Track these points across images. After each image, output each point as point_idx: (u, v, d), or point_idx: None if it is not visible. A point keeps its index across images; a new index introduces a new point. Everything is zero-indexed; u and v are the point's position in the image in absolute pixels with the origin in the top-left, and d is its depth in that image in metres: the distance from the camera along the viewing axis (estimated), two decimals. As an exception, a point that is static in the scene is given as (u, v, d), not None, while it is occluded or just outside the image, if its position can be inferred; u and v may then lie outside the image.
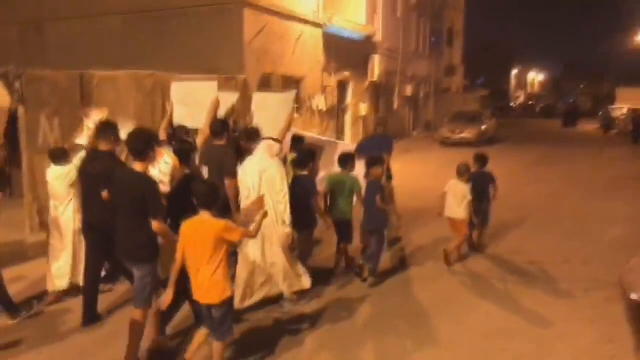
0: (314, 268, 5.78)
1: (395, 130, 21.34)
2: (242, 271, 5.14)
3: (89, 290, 5.14)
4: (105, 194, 4.69)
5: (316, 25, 15.00)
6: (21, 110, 7.88)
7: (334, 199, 6.03)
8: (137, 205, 3.94)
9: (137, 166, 4.02)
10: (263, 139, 5.51)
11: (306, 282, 5.24)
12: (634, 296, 3.73)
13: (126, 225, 4.05)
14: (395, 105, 21.87)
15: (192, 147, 5.35)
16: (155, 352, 4.31)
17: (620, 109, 35.92)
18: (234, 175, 5.35)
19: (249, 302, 5.13)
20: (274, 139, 5.55)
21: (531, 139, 24.58)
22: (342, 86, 17.37)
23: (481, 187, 6.82)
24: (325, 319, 5.03)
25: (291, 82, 13.91)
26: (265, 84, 12.63)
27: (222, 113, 6.59)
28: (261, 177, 5.08)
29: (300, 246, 5.79)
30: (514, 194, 10.42)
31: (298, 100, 14.69)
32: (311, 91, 14.96)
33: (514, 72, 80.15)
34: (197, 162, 5.50)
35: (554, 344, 4.54)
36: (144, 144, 4.02)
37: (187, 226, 3.78)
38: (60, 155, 5.84)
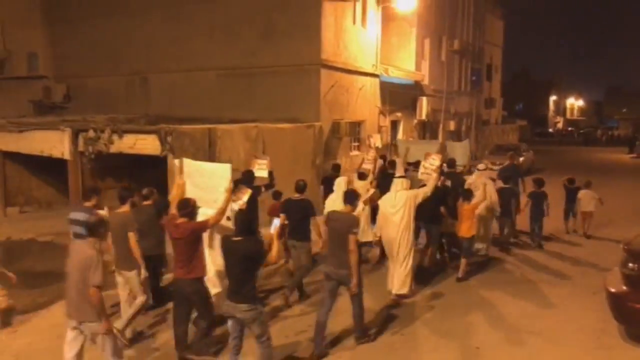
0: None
1: (440, 162, 23.59)
2: None
3: None
4: None
5: (374, 76, 17.60)
6: (170, 157, 10.70)
7: None
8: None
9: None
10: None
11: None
12: (610, 289, 6.06)
13: None
14: (440, 140, 24.18)
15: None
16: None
17: (658, 138, 37.09)
18: None
19: None
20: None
21: (567, 169, 26.19)
22: (394, 125, 19.87)
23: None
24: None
25: (355, 125, 16.48)
26: (336, 129, 15.23)
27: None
28: None
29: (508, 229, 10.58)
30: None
31: (359, 139, 17.26)
32: (370, 131, 17.49)
33: (553, 98, 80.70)
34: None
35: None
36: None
37: (462, 207, 8.53)
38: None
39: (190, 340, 5.84)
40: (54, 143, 12.31)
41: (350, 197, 6.33)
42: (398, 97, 19.29)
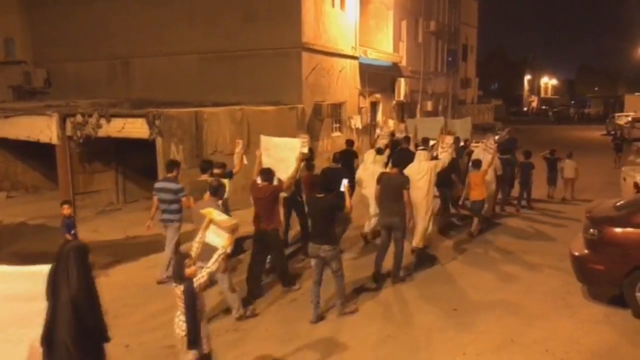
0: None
1: (418, 142, 24.22)
2: None
3: None
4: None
5: (354, 58, 18.01)
6: (159, 141, 11.02)
7: None
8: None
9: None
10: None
11: None
12: (574, 252, 6.68)
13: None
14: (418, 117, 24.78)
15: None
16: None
17: (626, 117, 38.13)
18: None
19: None
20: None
21: (544, 147, 26.91)
22: (373, 106, 20.35)
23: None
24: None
25: (336, 107, 16.89)
26: (318, 111, 15.64)
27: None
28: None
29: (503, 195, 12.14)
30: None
31: (340, 120, 17.68)
32: (350, 113, 17.94)
33: (527, 77, 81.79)
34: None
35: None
36: None
37: (474, 175, 9.97)
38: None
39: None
40: (42, 128, 12.45)
41: (399, 161, 8.06)
42: (377, 78, 19.75)
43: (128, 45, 17.73)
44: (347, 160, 10.43)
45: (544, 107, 77.55)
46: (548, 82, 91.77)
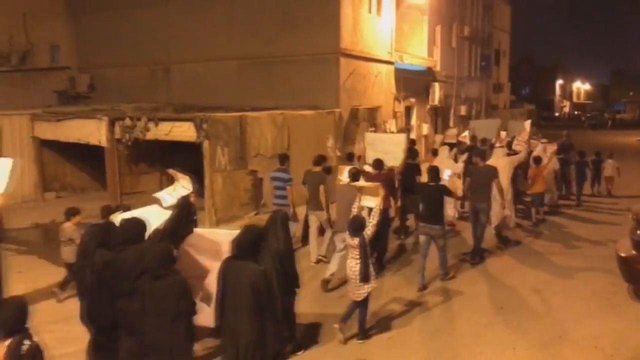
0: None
1: (451, 146, 24.20)
2: None
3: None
4: None
5: (389, 63, 18.20)
6: (206, 144, 11.41)
7: None
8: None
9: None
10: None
11: None
12: (621, 254, 6.77)
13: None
14: (451, 124, 24.76)
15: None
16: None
17: (664, 121, 37.41)
18: None
19: None
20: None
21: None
22: (407, 111, 20.49)
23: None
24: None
25: (372, 111, 17.11)
26: (354, 115, 15.88)
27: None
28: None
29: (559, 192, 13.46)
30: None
31: (376, 124, 17.88)
32: (385, 117, 18.13)
33: (559, 82, 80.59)
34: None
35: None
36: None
37: (535, 170, 11.11)
38: None
39: None
40: (91, 131, 13.01)
41: (484, 154, 9.53)
42: (411, 83, 19.89)
43: (169, 51, 18.26)
44: (413, 157, 11.20)
45: (576, 112, 76.25)
46: (581, 87, 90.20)
